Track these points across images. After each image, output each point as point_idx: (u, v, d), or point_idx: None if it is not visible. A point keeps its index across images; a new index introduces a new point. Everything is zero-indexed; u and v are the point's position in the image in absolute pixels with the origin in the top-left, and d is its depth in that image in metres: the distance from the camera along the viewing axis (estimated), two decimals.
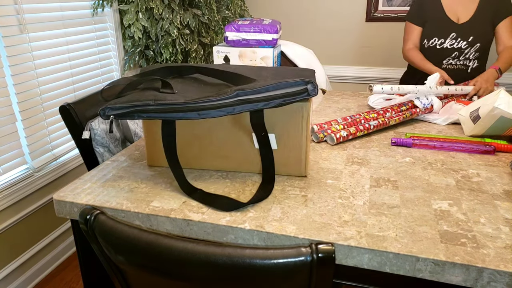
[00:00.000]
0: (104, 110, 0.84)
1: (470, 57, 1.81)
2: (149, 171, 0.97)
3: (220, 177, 0.93)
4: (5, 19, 1.52)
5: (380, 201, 0.81)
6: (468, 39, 1.78)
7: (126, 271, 0.70)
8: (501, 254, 0.65)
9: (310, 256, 0.56)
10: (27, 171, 1.69)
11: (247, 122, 0.89)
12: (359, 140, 1.14)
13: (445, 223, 0.74)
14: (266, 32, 1.28)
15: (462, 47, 1.80)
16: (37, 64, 1.68)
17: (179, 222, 0.77)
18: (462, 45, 1.79)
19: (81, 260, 0.93)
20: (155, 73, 0.98)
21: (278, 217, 0.76)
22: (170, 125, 0.87)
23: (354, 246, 0.68)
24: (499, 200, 0.82)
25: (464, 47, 1.79)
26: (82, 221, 0.67)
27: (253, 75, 0.95)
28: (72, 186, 0.90)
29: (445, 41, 1.82)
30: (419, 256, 0.65)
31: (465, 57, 1.81)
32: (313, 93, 0.82)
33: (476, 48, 1.79)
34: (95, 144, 1.18)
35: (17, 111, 1.62)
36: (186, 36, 2.15)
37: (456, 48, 1.80)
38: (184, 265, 0.59)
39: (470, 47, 1.79)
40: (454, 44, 1.80)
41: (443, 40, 1.82)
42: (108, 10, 2.06)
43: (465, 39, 1.78)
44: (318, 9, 2.61)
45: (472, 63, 1.82)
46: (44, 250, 1.82)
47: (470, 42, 1.78)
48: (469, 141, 1.09)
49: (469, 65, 1.83)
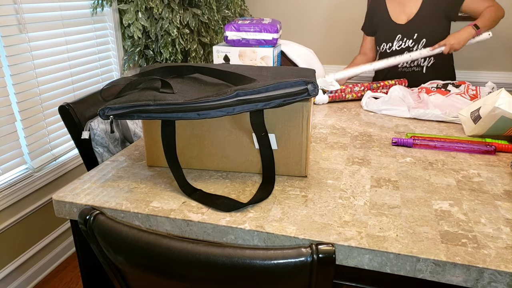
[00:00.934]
0: (103, 110, 0.83)
1: None
2: (148, 171, 0.96)
3: (220, 177, 0.92)
4: (5, 19, 1.52)
5: (381, 202, 0.81)
6: (413, 37, 1.79)
7: (125, 272, 0.70)
8: (502, 255, 0.65)
9: (310, 257, 0.55)
10: (27, 171, 1.68)
11: (247, 122, 0.89)
12: (359, 140, 1.14)
13: (446, 223, 0.74)
14: (266, 32, 1.28)
15: (409, 45, 1.80)
16: (37, 64, 1.68)
17: (179, 222, 0.77)
18: (408, 43, 1.80)
19: (81, 261, 0.93)
20: (154, 73, 0.97)
21: (278, 218, 0.76)
22: (169, 125, 0.87)
23: (355, 246, 0.68)
24: (499, 200, 0.82)
25: (411, 45, 1.80)
26: (82, 222, 0.67)
27: (253, 75, 0.95)
28: (71, 186, 0.90)
29: (392, 44, 1.84)
30: (419, 257, 0.65)
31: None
32: (313, 93, 0.81)
33: (423, 44, 1.78)
34: (95, 144, 1.18)
35: (17, 111, 1.61)
36: (186, 36, 2.15)
37: (405, 48, 1.81)
38: (183, 266, 0.59)
39: (416, 44, 1.79)
40: (402, 45, 1.81)
41: (390, 44, 1.84)
42: (108, 9, 2.06)
43: (410, 37, 1.79)
44: (318, 8, 2.61)
45: (426, 62, 1.81)
46: (44, 250, 1.82)
47: (416, 39, 1.78)
48: (470, 141, 1.09)
49: (423, 65, 1.82)
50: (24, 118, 1.64)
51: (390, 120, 1.32)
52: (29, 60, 1.64)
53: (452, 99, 1.34)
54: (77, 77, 1.91)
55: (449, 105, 1.33)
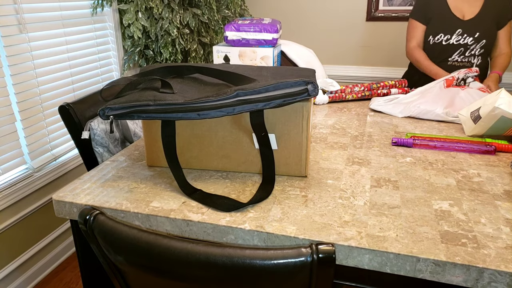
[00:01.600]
0: (103, 111, 0.83)
1: (476, 53, 1.82)
2: (148, 171, 0.96)
3: (220, 177, 0.92)
4: (5, 19, 1.52)
5: (381, 202, 0.81)
6: (474, 35, 1.80)
7: (125, 272, 0.70)
8: (502, 255, 0.65)
9: (310, 257, 0.55)
10: (27, 171, 1.68)
11: (247, 122, 0.89)
12: (359, 140, 1.14)
13: (446, 223, 0.74)
14: (266, 32, 1.28)
15: (468, 43, 1.81)
16: (37, 64, 1.68)
17: (179, 222, 0.77)
18: (468, 41, 1.81)
19: (81, 261, 0.93)
20: (154, 73, 0.97)
21: (278, 218, 0.76)
22: (169, 125, 0.87)
23: (355, 246, 0.68)
24: (499, 200, 0.82)
25: (470, 43, 1.81)
26: (82, 222, 0.67)
27: (253, 75, 0.95)
28: (71, 186, 0.90)
29: (451, 37, 1.82)
30: (419, 257, 0.65)
31: (470, 53, 1.82)
32: (313, 93, 0.81)
33: (482, 45, 1.80)
34: (95, 144, 1.18)
35: (17, 111, 1.61)
36: (186, 36, 2.15)
37: (462, 44, 1.82)
38: (183, 266, 0.59)
39: (476, 43, 1.80)
40: (460, 40, 1.81)
41: (449, 36, 1.83)
42: (108, 9, 2.06)
43: (471, 35, 1.80)
44: (318, 8, 2.61)
45: (476, 60, 1.84)
46: (44, 250, 1.82)
47: (476, 38, 1.80)
48: (470, 141, 1.09)
49: (474, 62, 1.84)
50: (24, 118, 1.64)
51: (390, 120, 1.32)
52: (29, 60, 1.64)
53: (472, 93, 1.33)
54: (77, 77, 1.91)
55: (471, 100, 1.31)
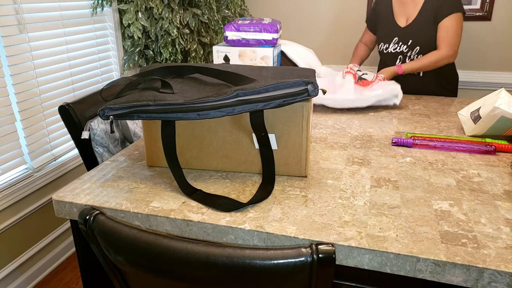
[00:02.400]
0: (103, 111, 0.83)
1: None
2: (148, 171, 0.96)
3: (220, 177, 0.92)
4: (5, 19, 1.52)
5: (381, 202, 0.81)
6: (407, 43, 1.75)
7: (125, 272, 0.70)
8: (502, 255, 0.65)
9: (310, 257, 0.55)
10: (27, 171, 1.68)
11: (247, 122, 0.89)
12: (359, 140, 1.14)
13: (446, 223, 0.74)
14: (266, 32, 1.28)
15: (403, 51, 1.77)
16: (36, 64, 1.68)
17: (179, 222, 0.77)
18: (403, 49, 1.77)
19: (81, 261, 0.93)
20: (154, 73, 0.97)
21: (278, 218, 0.76)
22: (169, 125, 0.87)
23: (355, 246, 0.68)
24: (499, 200, 0.82)
25: (405, 50, 1.77)
26: (82, 222, 0.67)
27: (253, 75, 0.95)
28: (71, 186, 0.90)
29: (389, 46, 1.81)
30: (419, 257, 0.65)
31: (410, 61, 1.76)
32: (313, 93, 0.81)
33: (416, 51, 1.75)
34: (95, 144, 1.18)
35: (16, 111, 1.61)
36: (186, 36, 2.15)
37: (399, 52, 1.79)
38: (183, 266, 0.59)
39: (411, 50, 1.76)
40: (397, 48, 1.79)
41: (387, 45, 1.82)
42: (108, 9, 2.06)
43: (405, 43, 1.76)
44: (318, 8, 2.61)
45: None
46: (44, 250, 1.82)
47: (410, 46, 1.75)
48: (470, 141, 1.09)
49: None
50: (24, 118, 1.64)
51: (390, 120, 1.32)
52: (29, 60, 1.64)
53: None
54: (77, 77, 1.91)
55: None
